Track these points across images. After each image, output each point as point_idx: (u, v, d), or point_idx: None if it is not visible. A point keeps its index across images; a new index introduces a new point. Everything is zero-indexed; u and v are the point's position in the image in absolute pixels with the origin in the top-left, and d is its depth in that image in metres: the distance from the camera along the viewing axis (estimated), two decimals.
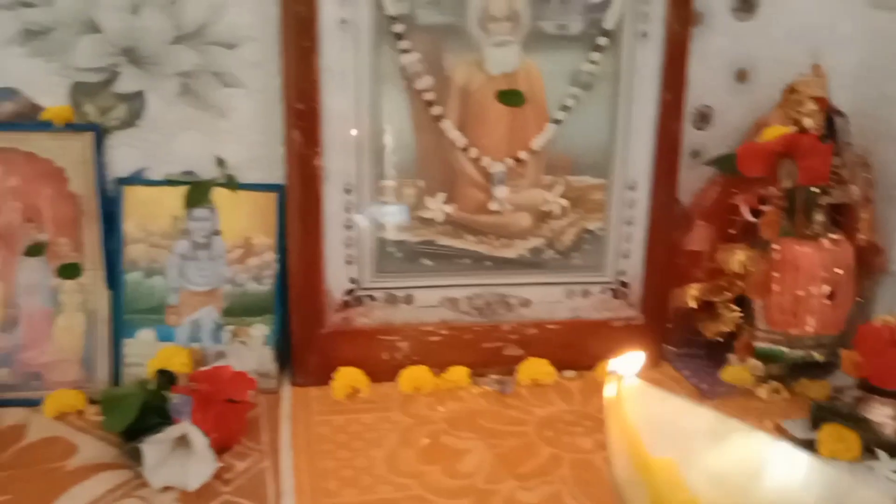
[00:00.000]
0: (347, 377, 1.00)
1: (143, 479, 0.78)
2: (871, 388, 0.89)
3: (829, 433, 0.88)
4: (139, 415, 0.81)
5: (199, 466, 0.77)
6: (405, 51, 0.94)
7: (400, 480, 0.82)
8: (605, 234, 1.07)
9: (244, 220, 1.00)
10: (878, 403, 0.88)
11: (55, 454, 0.84)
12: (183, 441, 0.78)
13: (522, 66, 0.99)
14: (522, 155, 1.01)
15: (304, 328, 1.00)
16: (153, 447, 0.76)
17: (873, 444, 0.86)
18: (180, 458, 0.78)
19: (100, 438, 0.86)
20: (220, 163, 0.99)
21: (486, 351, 1.05)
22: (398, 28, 0.93)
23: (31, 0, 0.91)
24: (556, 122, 1.00)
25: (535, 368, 1.04)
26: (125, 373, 0.96)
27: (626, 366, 0.56)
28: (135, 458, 0.79)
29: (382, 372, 1.02)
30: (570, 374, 1.07)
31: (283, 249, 1.00)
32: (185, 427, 0.77)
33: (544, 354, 1.05)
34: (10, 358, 0.93)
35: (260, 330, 1.00)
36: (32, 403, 0.92)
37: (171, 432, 0.77)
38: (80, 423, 0.90)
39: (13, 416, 0.90)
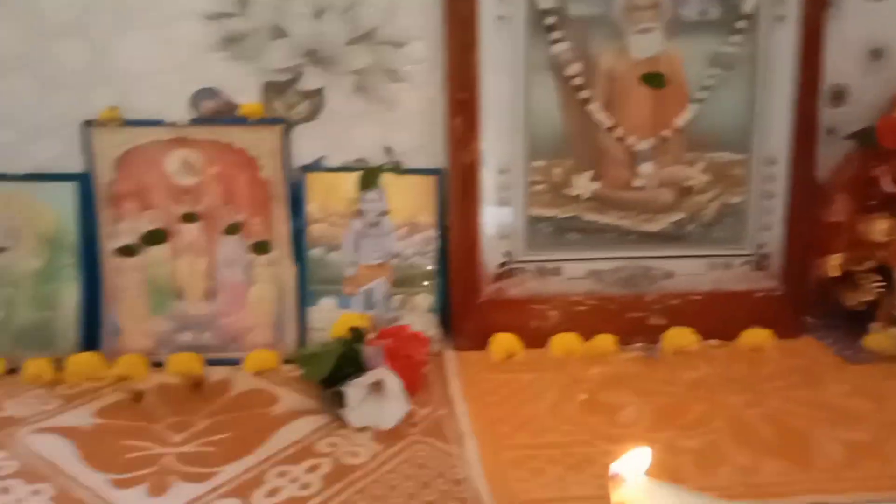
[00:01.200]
0: (503, 342, 1.09)
1: (341, 423, 0.90)
2: None
3: None
4: (336, 365, 0.92)
5: (394, 407, 0.88)
6: (556, 41, 1.04)
7: (565, 427, 0.90)
8: (746, 207, 1.12)
9: (409, 201, 1.11)
10: None
11: (260, 402, 0.96)
12: (377, 386, 0.89)
13: (664, 50, 1.06)
14: (665, 133, 1.08)
15: (462, 297, 1.11)
16: (354, 389, 0.88)
17: None
18: (375, 401, 0.89)
19: (296, 390, 0.99)
20: (388, 151, 1.11)
21: (630, 320, 1.12)
22: (550, 20, 1.03)
23: (231, 11, 1.05)
24: (698, 101, 1.07)
25: (680, 337, 1.10)
26: (310, 336, 1.09)
27: (632, 466, 0.48)
28: (334, 402, 0.90)
29: (533, 338, 1.10)
30: (713, 342, 1.12)
31: (442, 227, 1.11)
32: (382, 372, 0.88)
33: (687, 324, 1.11)
34: (213, 323, 1.07)
35: (424, 299, 1.11)
36: (234, 363, 1.05)
37: (370, 377, 0.88)
38: (277, 378, 1.03)
39: (218, 372, 1.03)
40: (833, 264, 1.10)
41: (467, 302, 1.10)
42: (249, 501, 0.76)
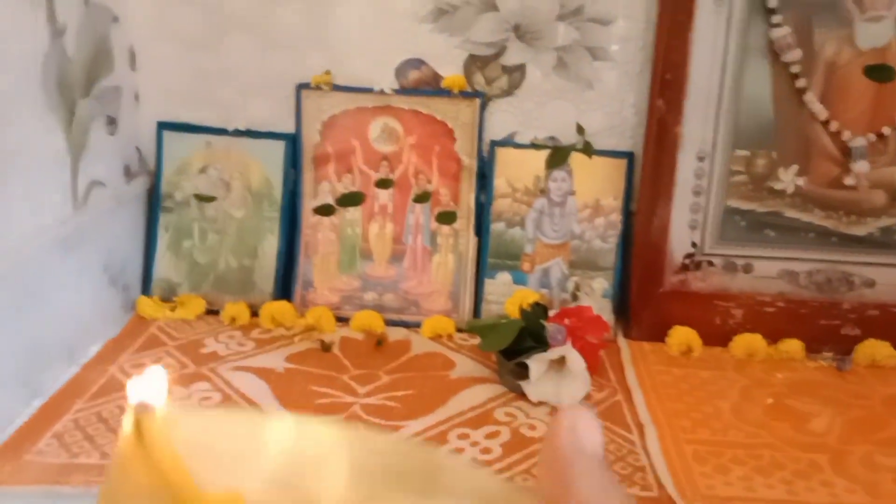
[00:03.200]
0: (682, 336, 1.06)
1: (518, 394, 0.91)
2: None
3: None
4: (516, 337, 0.93)
5: (575, 386, 0.88)
6: (776, 25, 0.98)
7: (749, 429, 0.87)
8: None
9: (596, 183, 1.10)
10: None
11: (438, 365, 1.00)
12: (558, 364, 0.90)
13: (894, 40, 0.98)
14: (886, 131, 1.00)
15: (643, 286, 1.08)
16: (537, 363, 0.88)
17: None
18: (554, 378, 0.90)
19: (471, 358, 1.01)
20: (580, 130, 1.10)
21: (822, 328, 1.06)
22: (772, 2, 0.97)
23: None
24: None
25: (875, 350, 1.03)
26: (484, 308, 1.11)
27: (151, 388, 0.37)
28: (514, 374, 0.92)
29: (714, 336, 1.06)
30: None
31: (627, 212, 1.09)
32: (566, 349, 0.88)
33: (884, 337, 1.04)
34: (396, 286, 1.12)
35: (601, 284, 1.10)
36: (412, 325, 1.09)
37: (553, 353, 0.89)
38: (452, 344, 1.05)
39: (398, 333, 1.07)
40: None
41: (647, 291, 1.08)
42: None
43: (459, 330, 1.08)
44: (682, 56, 1.00)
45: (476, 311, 1.11)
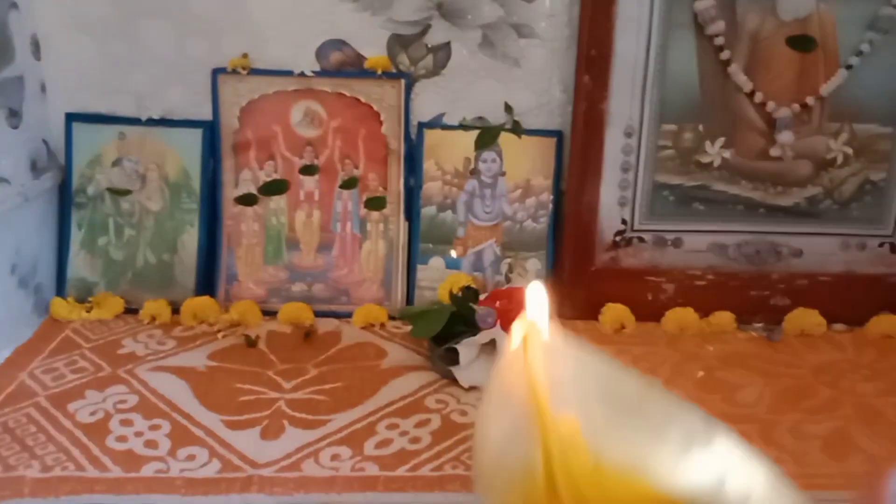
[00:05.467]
0: (615, 313, 1.05)
1: (449, 380, 0.89)
2: None
3: None
4: (447, 323, 0.91)
5: None
6: None
7: None
8: (889, 185, 1.04)
9: (526, 163, 1.09)
10: None
11: (369, 355, 0.97)
12: (490, 347, 0.88)
13: (816, 11, 0.98)
14: (809, 101, 1.00)
15: (574, 265, 1.07)
16: (467, 348, 0.87)
17: None
18: (486, 362, 0.88)
19: (403, 346, 0.99)
20: (509, 109, 1.08)
21: (752, 299, 1.07)
22: None
23: None
24: (848, 67, 0.99)
25: (805, 319, 1.04)
26: (417, 294, 1.08)
27: (535, 305, 0.43)
28: (444, 360, 0.90)
29: (646, 312, 1.06)
30: (839, 327, 1.05)
31: (558, 191, 1.08)
32: (496, 332, 0.87)
33: (813, 306, 1.05)
34: (325, 275, 1.08)
35: (534, 264, 1.09)
36: (342, 315, 1.06)
37: (483, 337, 0.87)
38: (384, 333, 1.03)
39: (328, 324, 1.04)
40: None
41: (579, 270, 1.07)
42: (361, 451, 0.77)
43: (392, 318, 1.06)
44: (606, 31, 0.99)
45: (409, 298, 1.08)
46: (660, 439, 0.40)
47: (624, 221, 1.06)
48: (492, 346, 0.88)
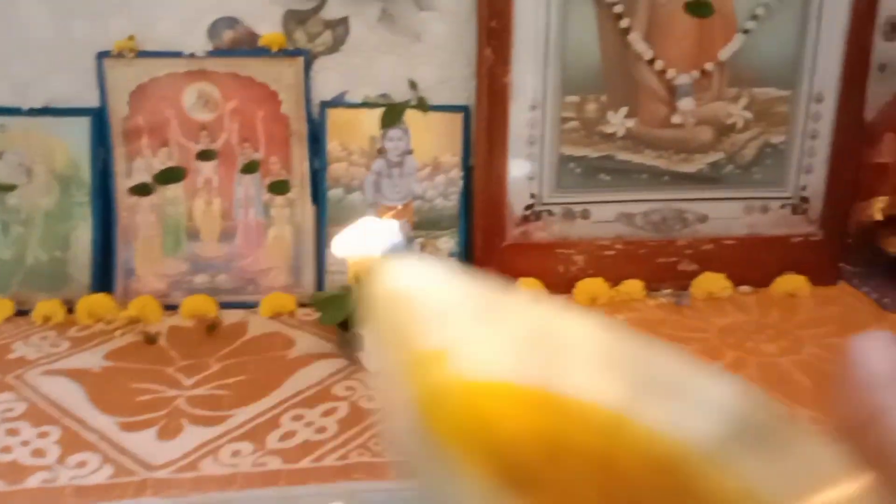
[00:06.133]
0: (527, 287, 1.05)
1: (360, 367, 0.87)
2: None
3: None
4: (355, 307, 0.89)
5: None
6: None
7: None
8: (788, 147, 1.06)
9: (433, 140, 1.06)
10: None
11: (276, 345, 0.94)
12: None
13: None
14: (709, 67, 1.01)
15: (486, 241, 1.06)
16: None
17: None
18: None
19: (313, 334, 0.96)
20: (413, 85, 1.06)
21: (660, 266, 1.08)
22: None
23: None
24: (745, 31, 1.00)
25: (711, 283, 1.06)
26: (328, 280, 1.06)
27: (381, 239, 0.39)
28: (352, 345, 0.88)
29: (559, 284, 1.06)
30: (745, 289, 1.07)
31: (467, 168, 1.06)
32: None
33: (720, 270, 1.06)
34: (229, 265, 1.05)
35: (446, 242, 1.07)
36: (249, 305, 1.03)
37: None
38: (293, 321, 1.00)
39: (234, 316, 1.01)
40: (877, 208, 1.04)
41: (490, 246, 1.06)
42: (263, 445, 0.74)
43: (303, 305, 1.03)
44: (506, 2, 0.97)
45: (320, 284, 1.06)
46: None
47: (533, 195, 1.06)
48: None
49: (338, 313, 0.90)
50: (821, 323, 0.99)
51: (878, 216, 1.05)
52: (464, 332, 0.37)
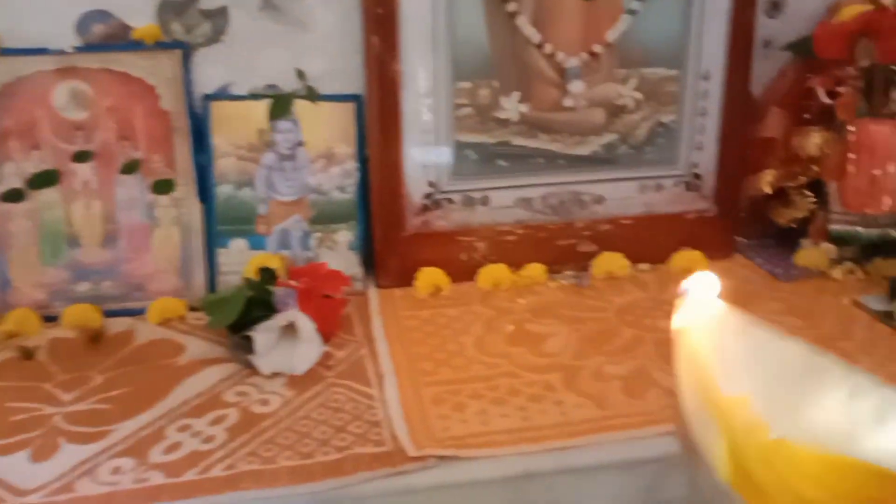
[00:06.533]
0: (429, 277, 1.03)
1: (253, 370, 0.84)
2: None
3: None
4: (245, 309, 0.86)
5: (306, 350, 0.82)
6: None
7: (490, 360, 0.86)
8: (679, 126, 1.07)
9: (326, 131, 1.03)
10: None
11: (165, 353, 0.90)
12: (289, 330, 0.83)
13: None
14: (597, 48, 1.01)
15: (385, 232, 1.04)
16: (263, 334, 0.81)
17: None
18: (287, 346, 0.83)
19: (204, 339, 0.92)
20: (300, 75, 1.02)
21: (560, 248, 1.08)
22: None
23: None
24: (631, 12, 1.00)
25: (610, 262, 1.07)
26: (220, 281, 1.01)
27: (702, 287, 0.47)
28: (244, 349, 0.84)
29: (461, 272, 1.05)
30: (643, 266, 1.09)
31: (362, 158, 1.04)
32: (292, 314, 0.82)
33: (618, 249, 1.07)
34: (114, 270, 0.99)
35: (345, 236, 1.05)
36: (137, 312, 0.98)
37: (279, 319, 0.82)
38: (184, 326, 0.96)
39: (120, 324, 0.96)
40: (766, 181, 1.06)
41: (390, 237, 1.04)
42: (145, 459, 0.70)
43: (193, 309, 0.98)
44: None
45: (212, 286, 1.01)
46: (849, 409, 0.39)
47: (431, 184, 1.04)
48: (290, 328, 0.83)
49: (227, 316, 0.86)
50: None
51: (767, 189, 1.07)
52: (763, 387, 0.40)
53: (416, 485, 0.68)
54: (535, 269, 1.05)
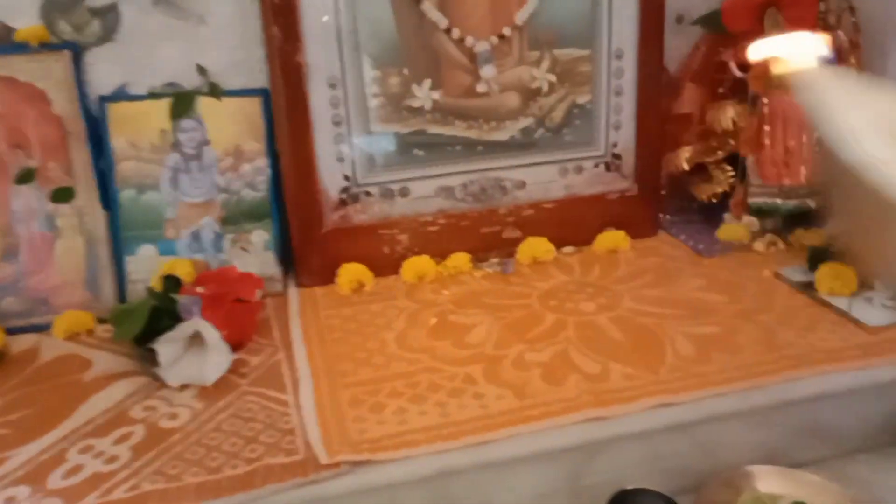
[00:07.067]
0: (351, 273, 1.01)
1: (162, 382, 0.80)
2: None
3: (826, 272, 0.90)
4: (149, 320, 0.82)
5: (214, 360, 0.79)
6: None
7: (412, 356, 0.84)
8: (595, 107, 1.06)
9: (232, 128, 0.99)
10: None
11: (71, 369, 0.85)
12: (196, 339, 0.80)
13: None
14: (506, 31, 0.99)
15: (303, 230, 1.01)
16: (166, 346, 0.78)
17: (869, 276, 0.88)
18: (195, 356, 0.80)
19: (113, 352, 0.88)
20: (202, 71, 0.98)
21: (484, 236, 1.06)
22: None
23: None
24: None
25: (534, 247, 1.05)
26: (130, 290, 0.97)
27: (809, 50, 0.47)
28: (151, 361, 0.80)
29: (385, 266, 1.03)
30: (568, 249, 1.08)
31: (274, 154, 1.00)
32: (196, 323, 0.78)
33: (542, 234, 1.06)
34: (16, 286, 0.94)
35: (260, 236, 1.01)
36: (42, 328, 0.93)
37: (183, 330, 0.79)
38: (92, 340, 0.91)
39: (24, 341, 0.91)
40: (684, 158, 1.06)
41: (308, 234, 1.01)
42: (43, 486, 0.66)
43: (103, 321, 0.94)
44: None
45: (122, 296, 0.97)
46: None
47: (346, 177, 1.01)
48: (197, 338, 0.80)
49: (131, 327, 0.82)
50: (639, 275, 1.00)
51: (685, 165, 1.07)
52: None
53: (330, 493, 0.65)
54: (460, 259, 1.03)
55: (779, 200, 1.02)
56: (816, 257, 0.92)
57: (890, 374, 0.79)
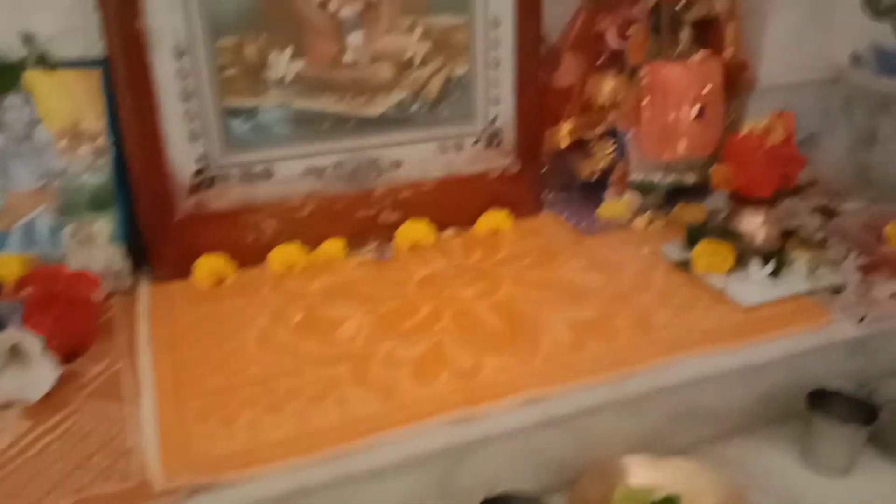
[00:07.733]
0: (210, 265, 0.92)
1: None
2: (742, 200, 0.88)
3: (704, 250, 0.88)
4: None
5: (38, 374, 0.69)
6: None
7: (272, 358, 0.77)
8: (473, 79, 1.00)
9: (67, 104, 0.88)
10: (748, 214, 0.88)
11: None
12: (18, 351, 0.70)
13: None
14: None
15: (153, 218, 0.91)
16: None
17: (746, 253, 0.87)
18: (17, 371, 0.70)
19: None
20: (28, 39, 0.86)
21: (360, 220, 0.99)
22: None
23: None
24: None
25: (414, 231, 0.99)
26: None
27: None
28: None
29: (250, 255, 0.94)
30: (449, 232, 1.02)
31: (118, 133, 0.89)
32: (13, 334, 0.68)
33: (422, 216, 1.00)
34: None
35: (103, 226, 0.91)
36: None
37: (1, 343, 0.68)
38: None
39: None
40: (564, 133, 1.02)
41: (160, 223, 0.91)
42: None
43: None
44: None
45: None
46: None
47: (201, 159, 0.92)
48: (17, 350, 0.70)
49: None
50: (520, 257, 0.96)
51: (566, 141, 1.03)
52: None
53: None
54: (333, 246, 0.96)
55: (658, 176, 1.00)
56: (694, 234, 0.91)
57: (763, 354, 0.78)
